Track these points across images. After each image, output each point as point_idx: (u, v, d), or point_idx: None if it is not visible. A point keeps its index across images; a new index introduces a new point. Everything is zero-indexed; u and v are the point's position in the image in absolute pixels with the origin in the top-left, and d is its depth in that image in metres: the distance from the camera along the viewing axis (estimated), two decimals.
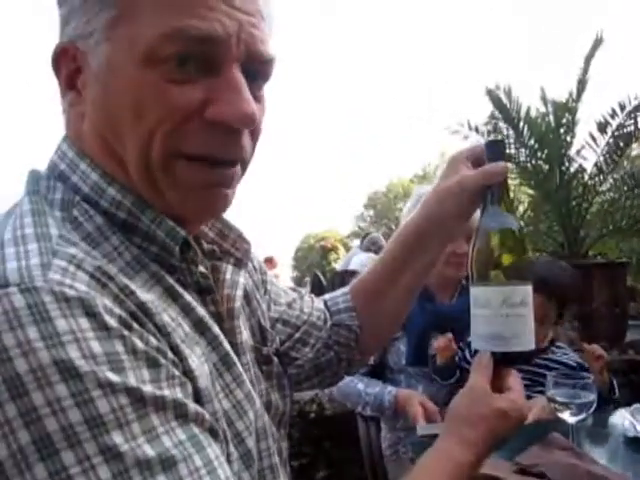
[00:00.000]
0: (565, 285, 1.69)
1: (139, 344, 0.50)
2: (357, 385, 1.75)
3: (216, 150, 0.61)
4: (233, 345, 0.67)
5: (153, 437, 0.48)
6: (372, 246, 6.45)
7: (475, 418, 0.70)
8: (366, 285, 0.95)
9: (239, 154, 0.64)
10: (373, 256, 6.07)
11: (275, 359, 0.80)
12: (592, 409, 1.13)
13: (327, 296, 0.98)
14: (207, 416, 0.54)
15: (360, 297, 0.95)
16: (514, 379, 0.75)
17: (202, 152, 0.60)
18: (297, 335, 0.88)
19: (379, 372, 1.87)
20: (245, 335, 0.72)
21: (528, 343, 0.79)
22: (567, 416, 1.14)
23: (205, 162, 0.61)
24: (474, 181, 0.81)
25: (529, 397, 1.57)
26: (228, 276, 0.72)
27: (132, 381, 0.48)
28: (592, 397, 1.12)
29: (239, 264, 0.75)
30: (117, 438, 0.46)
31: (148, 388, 0.49)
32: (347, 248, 14.89)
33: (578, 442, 1.18)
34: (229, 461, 0.57)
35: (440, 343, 1.64)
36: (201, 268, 0.66)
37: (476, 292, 0.82)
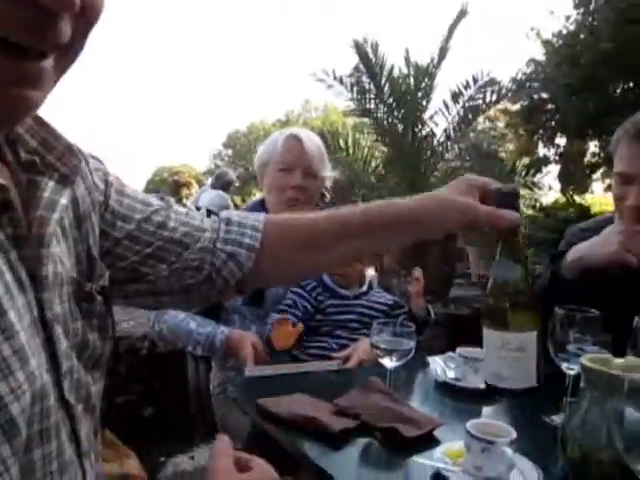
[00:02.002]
0: None
1: None
2: (189, 324, 1.68)
3: (18, 31, 0.46)
4: (33, 277, 0.56)
5: None
6: (217, 181, 6.26)
7: None
8: (299, 231, 0.87)
9: (52, 41, 0.48)
10: (222, 193, 5.92)
11: (99, 297, 0.70)
12: (410, 356, 1.19)
13: (236, 217, 0.87)
14: None
15: (279, 239, 0.86)
16: (255, 459, 0.75)
17: None
18: (148, 251, 0.78)
19: (213, 312, 1.82)
20: (60, 267, 0.61)
21: (525, 381, 0.90)
22: (387, 362, 1.19)
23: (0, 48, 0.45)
24: (484, 217, 0.82)
25: (354, 339, 1.64)
26: (47, 194, 0.60)
27: None
28: (412, 344, 1.18)
29: (64, 181, 0.63)
30: None
31: None
32: (201, 185, 14.51)
33: (394, 386, 1.24)
34: None
35: (277, 337, 1.59)
36: None
37: (486, 334, 0.94)
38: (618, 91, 10.25)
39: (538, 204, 9.12)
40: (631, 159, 1.38)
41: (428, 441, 1.02)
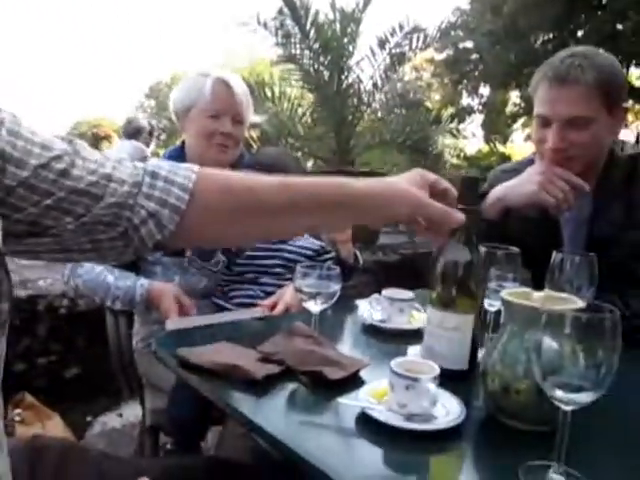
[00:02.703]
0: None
1: None
2: (106, 278, 1.59)
3: None
4: None
5: None
6: (127, 129, 5.74)
7: None
8: (240, 194, 0.80)
9: None
10: (135, 143, 5.60)
11: None
12: (334, 299, 1.17)
13: (164, 172, 0.77)
14: None
15: (216, 200, 0.79)
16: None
17: None
18: (47, 202, 0.69)
19: (133, 263, 1.73)
20: None
21: (456, 363, 1.00)
22: (311, 305, 1.16)
23: None
24: (437, 213, 0.85)
25: (280, 286, 1.61)
26: None
27: None
28: (336, 287, 1.15)
29: None
30: None
31: None
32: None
33: (321, 331, 1.23)
34: None
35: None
36: None
37: (429, 310, 1.04)
38: (539, 42, 10.53)
39: (462, 154, 9.33)
40: (549, 102, 1.40)
41: (353, 383, 1.01)
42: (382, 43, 5.02)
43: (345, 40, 4.80)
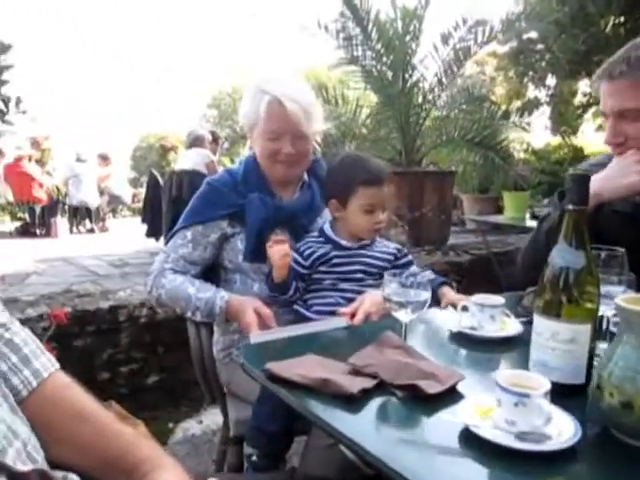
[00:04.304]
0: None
1: None
2: (187, 289, 1.61)
3: None
4: None
5: None
6: (188, 141, 6.11)
7: None
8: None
9: None
10: (200, 150, 5.79)
11: None
12: (426, 307, 1.12)
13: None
14: None
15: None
16: None
17: None
18: None
19: (213, 271, 1.75)
20: None
21: (573, 377, 0.92)
22: (402, 315, 1.12)
23: None
24: None
25: (360, 292, 1.57)
26: None
27: None
28: (427, 295, 1.11)
29: None
30: None
31: None
32: None
33: (407, 339, 1.18)
34: None
35: (275, 256, 1.53)
36: None
37: (535, 319, 0.97)
38: (609, 27, 10.00)
39: (530, 147, 9.01)
40: (602, 98, 1.42)
41: (451, 396, 0.96)
42: (445, 39, 4.90)
43: (407, 38, 4.72)
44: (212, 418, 2.74)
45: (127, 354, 2.75)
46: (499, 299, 1.28)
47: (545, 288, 0.96)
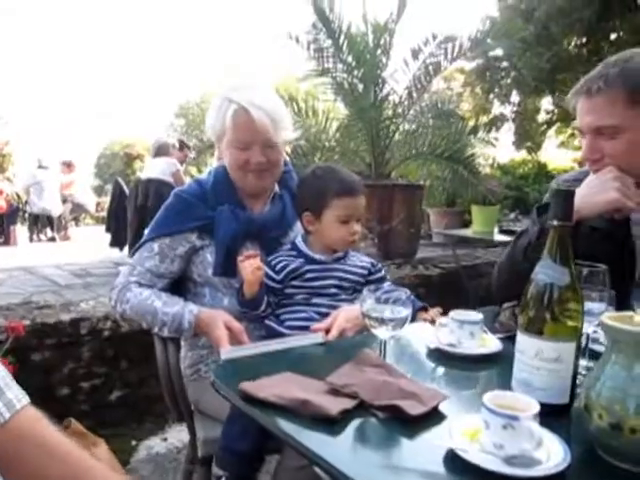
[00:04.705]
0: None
1: None
2: (153, 303, 1.54)
3: None
4: None
5: None
6: (154, 149, 5.98)
7: None
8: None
9: None
10: (167, 159, 5.72)
11: None
12: (406, 324, 1.09)
13: None
14: None
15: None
16: None
17: None
18: None
19: (182, 284, 1.68)
20: None
21: (557, 397, 0.90)
22: (381, 332, 1.08)
23: None
24: None
25: (334, 307, 1.53)
26: None
27: None
28: (407, 312, 1.07)
29: None
30: None
31: None
32: None
33: (384, 355, 1.15)
34: None
35: (246, 270, 1.47)
36: None
37: (518, 337, 0.94)
38: (571, 47, 10.31)
39: (496, 162, 9.15)
40: (579, 115, 1.44)
41: (433, 417, 0.92)
42: (415, 53, 4.94)
43: (379, 52, 4.74)
44: (177, 435, 2.65)
45: (89, 369, 2.64)
46: (478, 315, 1.25)
47: (528, 305, 0.93)
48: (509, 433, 0.74)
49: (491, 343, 1.25)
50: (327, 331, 1.44)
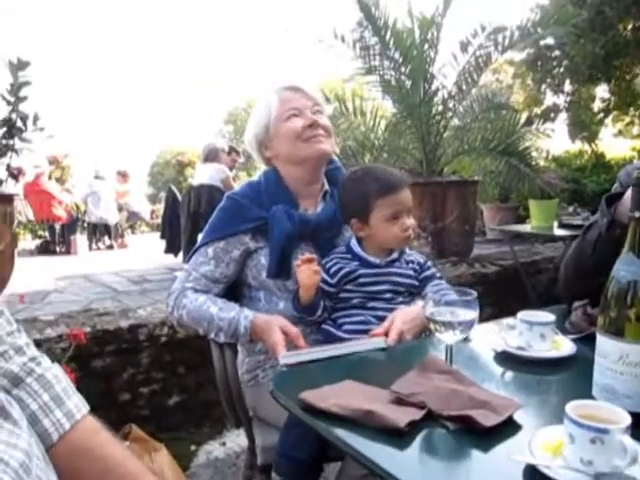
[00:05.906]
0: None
1: None
2: (209, 309, 1.52)
3: None
4: None
5: None
6: (203, 155, 6.04)
7: None
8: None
9: None
10: (216, 165, 5.76)
11: None
12: (473, 327, 1.03)
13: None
14: None
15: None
16: None
17: None
18: None
19: (237, 289, 1.66)
20: None
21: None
22: (448, 336, 1.02)
23: None
24: None
25: (391, 309, 1.48)
26: None
27: None
28: (474, 315, 1.01)
29: None
30: None
31: None
32: None
33: (450, 361, 1.09)
34: None
35: (303, 274, 1.44)
36: None
37: (599, 339, 0.87)
38: (628, 31, 9.85)
39: (550, 155, 8.83)
40: None
41: (507, 428, 0.86)
42: (464, 46, 4.81)
43: (426, 46, 4.64)
44: (235, 440, 2.65)
45: (148, 374, 2.67)
46: (549, 316, 1.17)
47: (610, 305, 0.86)
48: (598, 448, 0.68)
49: (564, 345, 1.17)
50: (385, 335, 1.39)
